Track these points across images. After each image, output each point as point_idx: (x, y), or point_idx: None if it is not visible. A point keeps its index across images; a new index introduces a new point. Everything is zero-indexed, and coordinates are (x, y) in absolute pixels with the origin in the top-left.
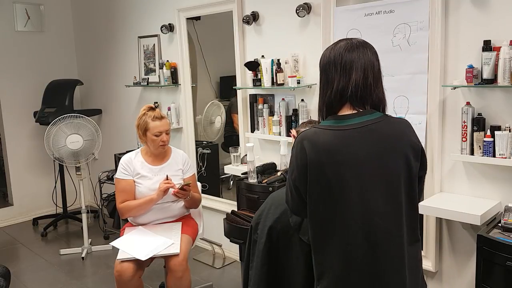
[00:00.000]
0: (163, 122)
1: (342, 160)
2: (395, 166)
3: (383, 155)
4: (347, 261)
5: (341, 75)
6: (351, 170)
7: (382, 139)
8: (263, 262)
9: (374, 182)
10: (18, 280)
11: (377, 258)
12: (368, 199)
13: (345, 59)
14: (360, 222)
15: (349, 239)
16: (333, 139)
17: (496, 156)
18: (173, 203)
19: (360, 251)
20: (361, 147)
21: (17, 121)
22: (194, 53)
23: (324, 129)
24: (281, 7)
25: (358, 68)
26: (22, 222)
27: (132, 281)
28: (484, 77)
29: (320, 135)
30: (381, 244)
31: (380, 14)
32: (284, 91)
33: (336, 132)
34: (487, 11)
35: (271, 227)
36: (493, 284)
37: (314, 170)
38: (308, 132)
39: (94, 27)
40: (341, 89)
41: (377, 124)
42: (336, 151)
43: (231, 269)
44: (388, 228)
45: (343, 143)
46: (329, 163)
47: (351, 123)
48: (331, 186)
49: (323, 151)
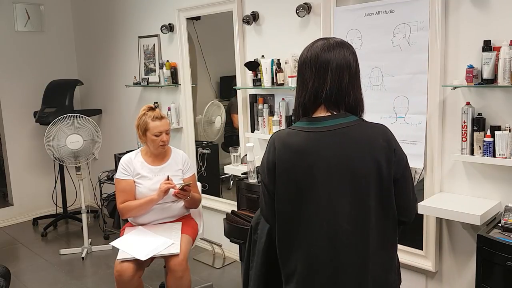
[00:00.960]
0: (163, 122)
1: (313, 162)
2: (364, 170)
3: (353, 159)
4: (311, 264)
5: (316, 76)
6: (321, 172)
7: (353, 143)
8: (263, 262)
9: (343, 186)
10: (18, 280)
11: (339, 263)
12: (336, 203)
13: (320, 59)
14: (325, 225)
15: (314, 242)
16: (304, 140)
17: (496, 156)
18: (173, 203)
19: (324, 254)
20: (331, 150)
21: (17, 121)
22: (194, 53)
23: (297, 130)
24: (281, 7)
25: (333, 69)
26: (22, 222)
27: (132, 281)
28: (484, 77)
29: (292, 136)
30: (344, 248)
31: (380, 14)
32: (284, 91)
33: (308, 134)
34: (487, 11)
35: (271, 227)
36: (493, 284)
37: (283, 170)
38: (281, 133)
39: (94, 27)
40: (315, 91)
41: (350, 128)
42: (307, 153)
43: (231, 269)
44: (352, 232)
45: (314, 145)
46: (299, 165)
47: (323, 126)
48: (300, 188)
49: (294, 152)
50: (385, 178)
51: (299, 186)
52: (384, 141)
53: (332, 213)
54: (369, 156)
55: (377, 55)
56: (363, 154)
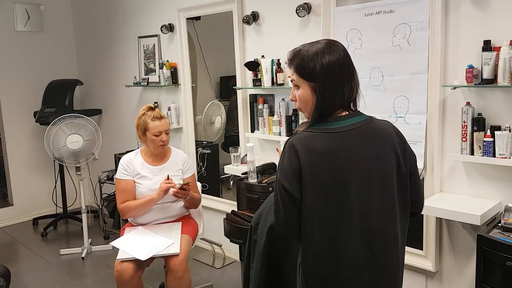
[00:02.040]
0: (162, 122)
1: (340, 164)
2: (388, 166)
3: (377, 156)
4: (346, 268)
5: (325, 81)
6: (349, 173)
7: (374, 140)
8: (263, 262)
9: (371, 184)
10: (18, 280)
11: (375, 264)
12: (367, 202)
13: (327, 62)
14: (359, 226)
15: (350, 245)
16: (328, 142)
17: (496, 156)
18: (173, 203)
19: (358, 257)
20: (357, 148)
21: (17, 121)
22: (194, 53)
23: (317, 132)
24: (281, 7)
25: (344, 71)
26: (22, 222)
27: (132, 281)
28: (484, 77)
29: (313, 139)
30: (379, 249)
31: (380, 14)
32: (284, 91)
33: (330, 135)
34: (487, 11)
35: (271, 227)
36: (493, 284)
37: (310, 175)
38: (299, 137)
39: (94, 27)
40: (331, 94)
41: (367, 125)
42: (333, 155)
43: (231, 269)
44: (385, 231)
45: (340, 145)
46: (327, 167)
47: (343, 125)
48: (330, 191)
49: (320, 155)
50: (403, 173)
51: (328, 189)
52: (397, 136)
53: (364, 214)
54: (390, 151)
55: (377, 55)
56: (385, 149)
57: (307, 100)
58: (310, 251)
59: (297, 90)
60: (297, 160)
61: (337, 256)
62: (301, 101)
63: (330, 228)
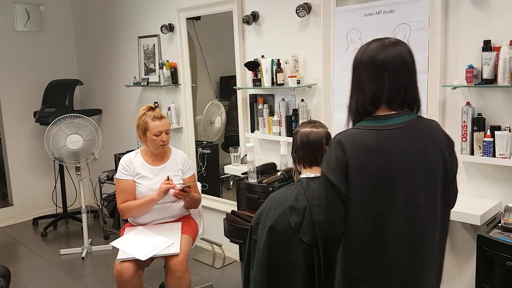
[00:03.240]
0: (163, 122)
1: (388, 161)
2: (435, 165)
3: (425, 155)
4: (387, 263)
5: (373, 78)
6: (397, 171)
7: (423, 139)
8: (263, 262)
9: (417, 183)
10: (18, 280)
11: (417, 263)
12: (413, 201)
13: (376, 61)
14: (403, 224)
15: (392, 240)
16: (377, 139)
17: (496, 156)
18: (173, 203)
19: (402, 255)
20: (405, 146)
21: (17, 121)
22: (194, 53)
23: (365, 129)
24: (281, 7)
25: (390, 70)
26: (22, 222)
27: (132, 281)
28: (484, 77)
29: (362, 136)
30: (422, 248)
31: (380, 14)
32: (284, 91)
33: (379, 132)
34: (487, 11)
35: (271, 227)
36: (493, 284)
37: (359, 171)
38: (347, 133)
39: (94, 27)
40: (373, 93)
41: (416, 124)
42: (382, 152)
43: (231, 269)
44: (428, 230)
45: (387, 143)
46: (375, 164)
47: (392, 123)
48: (376, 187)
49: (368, 152)
50: (448, 172)
51: (375, 185)
52: (444, 136)
53: (409, 211)
54: (438, 151)
55: None
56: (432, 149)
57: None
58: (353, 246)
59: None
60: (344, 156)
61: (380, 251)
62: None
63: (375, 223)
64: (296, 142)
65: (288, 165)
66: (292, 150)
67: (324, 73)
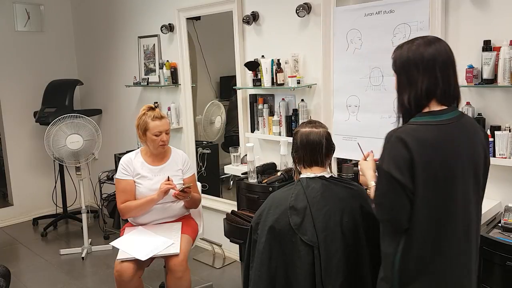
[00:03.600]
0: (163, 122)
1: (449, 155)
2: (479, 159)
3: (474, 149)
4: (448, 256)
5: (424, 73)
6: (456, 166)
7: (471, 134)
8: (263, 262)
9: (470, 177)
10: (18, 280)
11: (470, 255)
12: (467, 195)
13: (426, 57)
14: (461, 217)
15: (453, 234)
16: (437, 134)
17: (496, 156)
18: (173, 203)
19: (459, 246)
20: (460, 141)
21: (17, 121)
22: (194, 53)
23: (425, 125)
24: (281, 7)
25: (440, 65)
26: (22, 222)
27: (132, 281)
28: (484, 77)
29: (423, 131)
30: (472, 240)
31: (380, 14)
32: (284, 91)
33: (439, 127)
34: (487, 11)
35: (271, 227)
36: (493, 284)
37: (421, 166)
38: (406, 129)
39: (94, 27)
40: (426, 88)
41: (463, 119)
42: (443, 147)
43: (231, 269)
44: (476, 223)
45: (446, 137)
46: (437, 160)
47: (447, 118)
48: (439, 181)
49: (431, 147)
50: (486, 167)
51: (438, 180)
52: (482, 132)
53: (465, 205)
54: (480, 145)
55: (377, 55)
56: (477, 143)
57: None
58: (415, 240)
59: None
60: (407, 152)
61: (441, 244)
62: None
63: (438, 218)
64: (296, 142)
65: (288, 165)
66: (292, 150)
67: (324, 73)
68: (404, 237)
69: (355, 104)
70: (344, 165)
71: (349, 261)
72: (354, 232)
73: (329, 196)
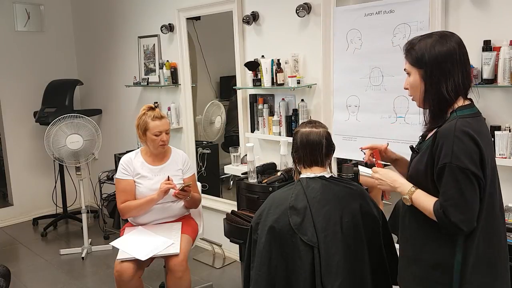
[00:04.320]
0: (163, 121)
1: (491, 146)
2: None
3: None
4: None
5: (460, 65)
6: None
7: None
8: (263, 262)
9: None
10: (18, 280)
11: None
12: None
13: (459, 52)
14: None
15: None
16: (485, 125)
17: (496, 156)
18: (173, 203)
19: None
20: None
21: (17, 121)
22: (194, 53)
23: (475, 117)
24: (281, 7)
25: (466, 58)
26: (22, 222)
27: (132, 281)
28: (484, 77)
29: (478, 125)
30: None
31: (380, 14)
32: (284, 91)
33: (481, 118)
34: (487, 11)
35: (271, 227)
36: None
37: (487, 160)
38: (465, 124)
39: (94, 27)
40: (461, 81)
41: None
42: (490, 137)
43: (231, 269)
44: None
45: (487, 128)
46: (491, 149)
47: (478, 110)
48: (492, 172)
49: (488, 139)
50: None
51: (492, 170)
52: None
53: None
54: None
55: (377, 55)
56: None
57: (416, 86)
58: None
59: (409, 78)
60: (476, 146)
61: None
62: (412, 88)
63: (493, 210)
64: (296, 142)
65: (288, 165)
66: (292, 150)
67: (324, 73)
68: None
69: (355, 104)
70: (344, 165)
71: (349, 261)
72: (354, 232)
73: (329, 196)
